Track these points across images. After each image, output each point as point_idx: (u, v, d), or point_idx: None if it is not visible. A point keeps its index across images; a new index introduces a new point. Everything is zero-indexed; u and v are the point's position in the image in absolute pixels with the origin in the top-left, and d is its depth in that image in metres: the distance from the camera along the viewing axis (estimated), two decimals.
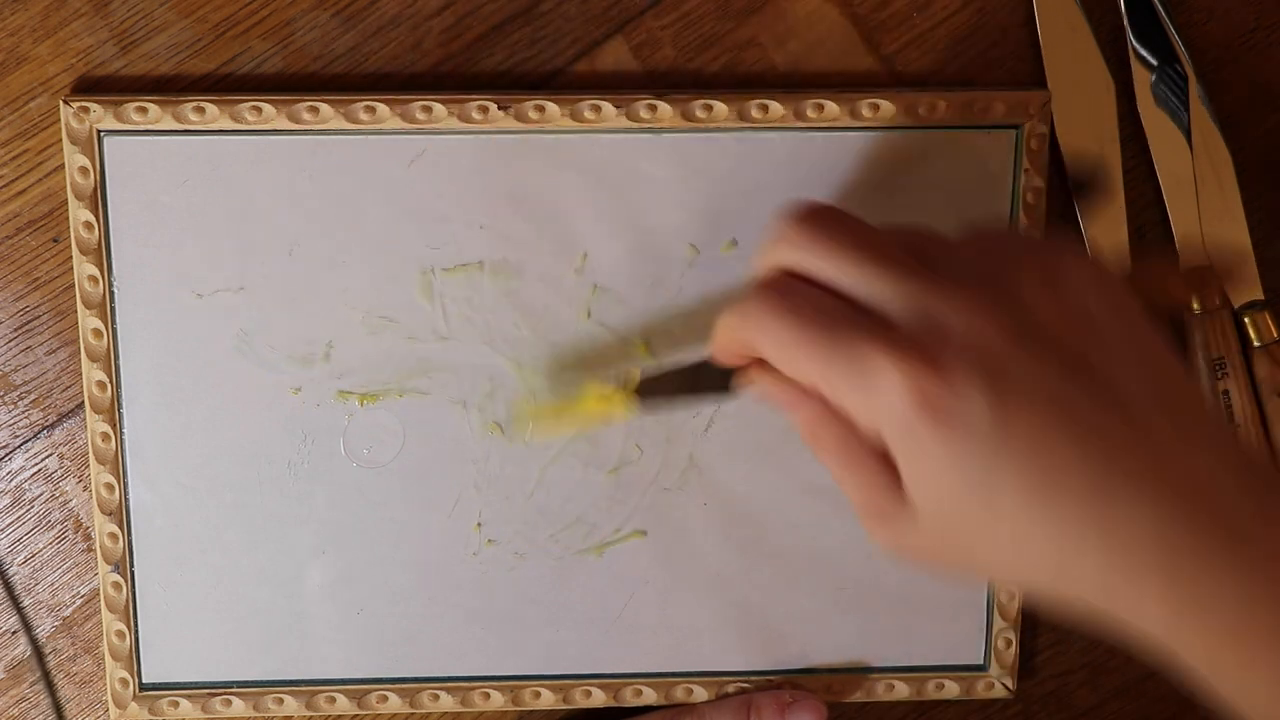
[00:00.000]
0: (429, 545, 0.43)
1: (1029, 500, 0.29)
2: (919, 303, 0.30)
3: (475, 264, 0.41)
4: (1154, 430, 0.29)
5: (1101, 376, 0.30)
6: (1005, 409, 0.29)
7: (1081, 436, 0.29)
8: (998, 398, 0.29)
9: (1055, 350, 0.30)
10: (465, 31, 0.42)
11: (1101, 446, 0.29)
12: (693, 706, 0.43)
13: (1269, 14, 0.43)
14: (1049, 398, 0.29)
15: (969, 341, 0.29)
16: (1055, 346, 0.30)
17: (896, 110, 0.41)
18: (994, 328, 0.30)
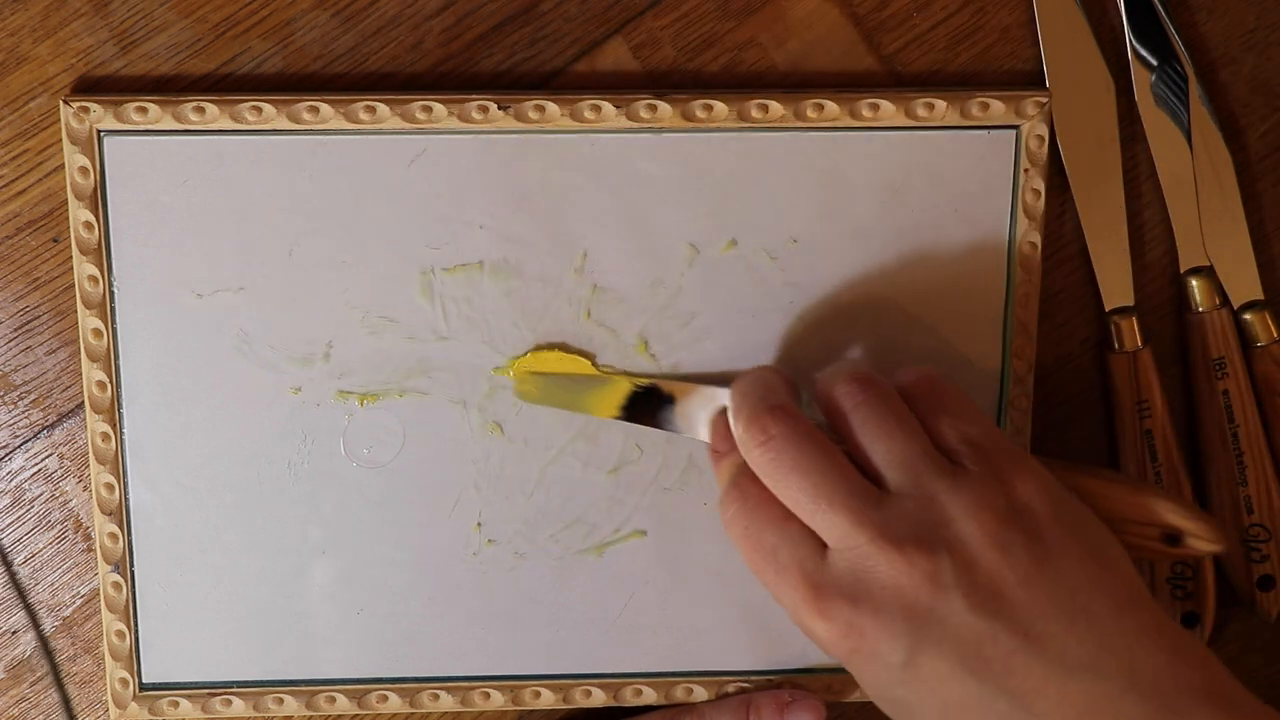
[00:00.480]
0: (429, 545, 0.43)
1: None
2: (852, 550, 0.33)
3: (475, 264, 0.41)
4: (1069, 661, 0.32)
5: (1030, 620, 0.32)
6: (919, 657, 0.33)
7: (991, 685, 0.32)
8: (911, 648, 0.33)
9: (983, 597, 0.32)
10: (465, 31, 0.42)
11: (1009, 687, 0.32)
12: (693, 706, 0.43)
13: (1269, 13, 0.43)
14: (960, 646, 0.32)
15: (889, 595, 0.33)
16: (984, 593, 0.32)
17: (896, 110, 0.41)
18: (917, 582, 0.32)
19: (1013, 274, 0.42)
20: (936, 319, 0.42)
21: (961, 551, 0.33)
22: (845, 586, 0.33)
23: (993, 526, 0.33)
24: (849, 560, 0.33)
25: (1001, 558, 0.32)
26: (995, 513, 0.33)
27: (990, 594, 0.32)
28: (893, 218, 0.42)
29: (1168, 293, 0.44)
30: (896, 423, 0.35)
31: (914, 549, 0.33)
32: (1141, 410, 0.43)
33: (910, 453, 0.34)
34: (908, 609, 0.32)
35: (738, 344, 0.42)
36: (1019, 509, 0.33)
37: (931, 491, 0.34)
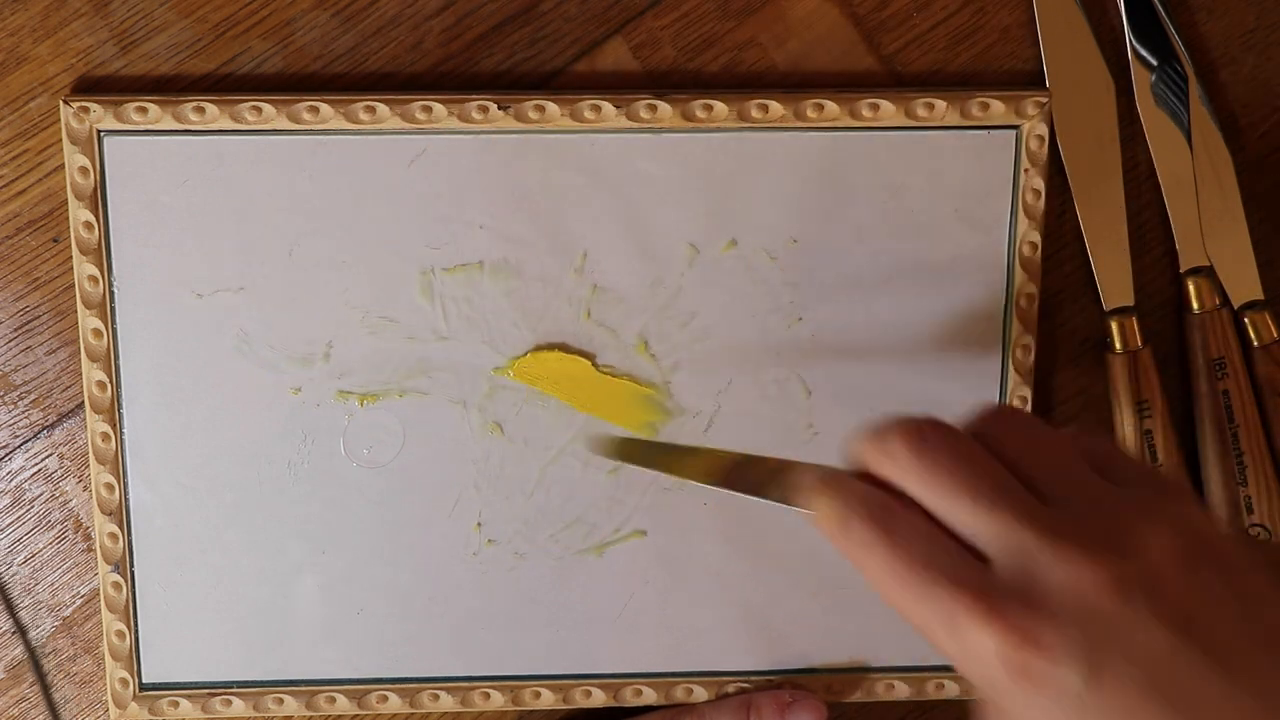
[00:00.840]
0: (429, 545, 0.43)
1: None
2: (1020, 552, 0.29)
3: (475, 264, 0.41)
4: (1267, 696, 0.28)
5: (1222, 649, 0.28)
6: (1101, 677, 0.28)
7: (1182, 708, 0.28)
8: (1093, 664, 0.28)
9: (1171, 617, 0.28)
10: (465, 31, 0.42)
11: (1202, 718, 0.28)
12: (693, 706, 0.43)
13: (1269, 13, 0.43)
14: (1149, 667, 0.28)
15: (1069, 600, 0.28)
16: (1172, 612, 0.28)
17: (896, 110, 0.41)
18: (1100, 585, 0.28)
19: (1013, 274, 0.42)
20: (936, 319, 0.42)
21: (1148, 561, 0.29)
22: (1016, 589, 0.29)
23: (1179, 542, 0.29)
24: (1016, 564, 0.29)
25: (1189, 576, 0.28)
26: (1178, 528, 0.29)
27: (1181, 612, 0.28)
28: (893, 218, 0.42)
29: (1168, 293, 0.44)
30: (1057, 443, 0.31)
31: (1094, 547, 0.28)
32: (1141, 410, 0.43)
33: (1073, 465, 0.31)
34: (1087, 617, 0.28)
35: (738, 344, 0.42)
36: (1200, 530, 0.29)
37: (1101, 499, 0.30)
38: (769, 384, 0.42)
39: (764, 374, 0.42)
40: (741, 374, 0.42)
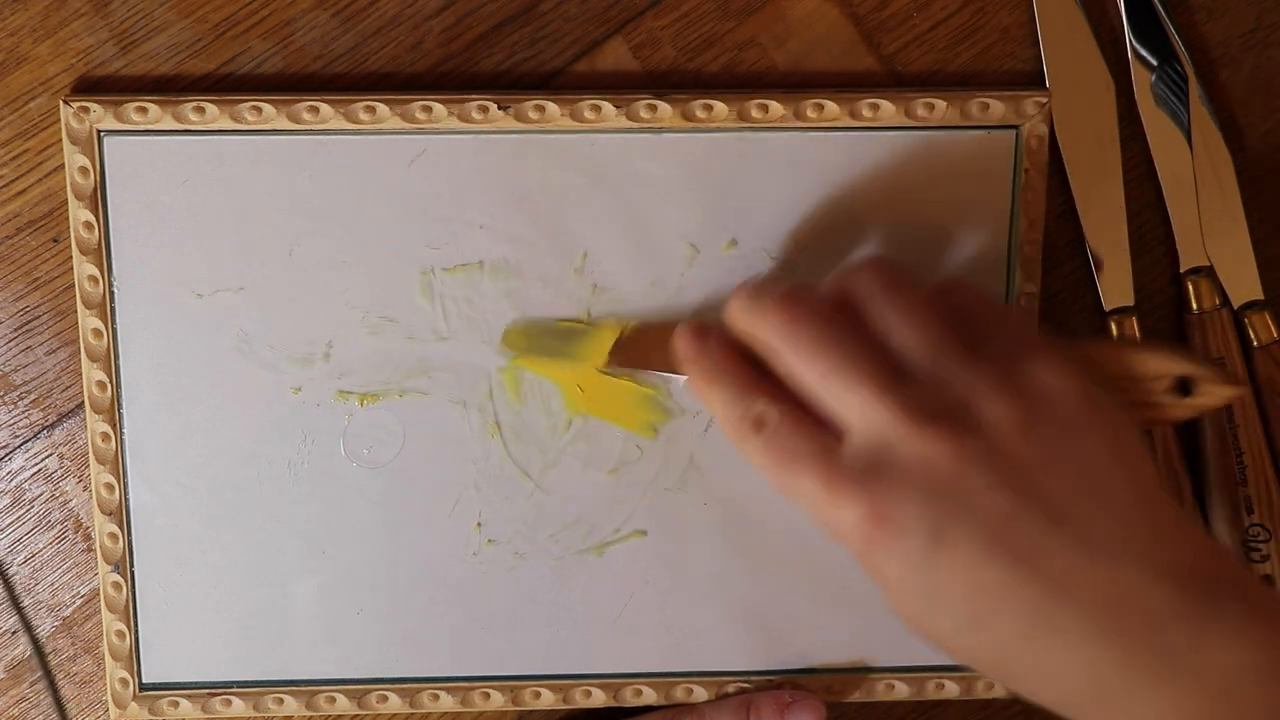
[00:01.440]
0: (429, 545, 0.43)
1: (967, 625, 0.31)
2: (874, 427, 0.32)
3: (475, 264, 0.41)
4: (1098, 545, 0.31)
5: (1057, 501, 0.31)
6: (942, 541, 0.31)
7: (1021, 567, 0.31)
8: (935, 530, 0.31)
9: (1009, 477, 0.31)
10: (465, 31, 0.42)
11: (1040, 571, 0.30)
12: (693, 706, 0.43)
13: (1269, 13, 0.43)
14: (987, 528, 0.31)
15: (914, 473, 0.31)
16: (1010, 473, 0.31)
17: (896, 110, 0.41)
18: (944, 458, 0.31)
19: (1013, 274, 0.42)
20: None
21: (986, 431, 0.31)
22: (866, 467, 0.32)
23: (1017, 408, 0.32)
24: (869, 440, 0.32)
25: (1026, 439, 0.31)
26: (1019, 395, 0.32)
27: (1015, 473, 0.31)
28: (893, 218, 0.42)
29: (1168, 293, 0.44)
30: (917, 307, 0.34)
31: (937, 426, 0.31)
32: None
33: (931, 336, 0.33)
34: (932, 487, 0.31)
35: None
36: (1042, 392, 0.32)
37: (953, 373, 0.32)
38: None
39: None
40: None
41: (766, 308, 0.34)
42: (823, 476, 0.32)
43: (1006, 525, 0.31)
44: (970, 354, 0.33)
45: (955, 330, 0.34)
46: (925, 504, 0.31)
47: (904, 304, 0.34)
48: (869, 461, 0.32)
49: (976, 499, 0.31)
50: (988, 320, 0.34)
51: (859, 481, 0.32)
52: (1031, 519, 0.31)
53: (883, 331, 0.34)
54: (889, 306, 0.34)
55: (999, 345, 0.34)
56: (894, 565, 0.32)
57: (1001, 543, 0.31)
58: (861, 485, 0.32)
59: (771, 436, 0.34)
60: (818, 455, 0.33)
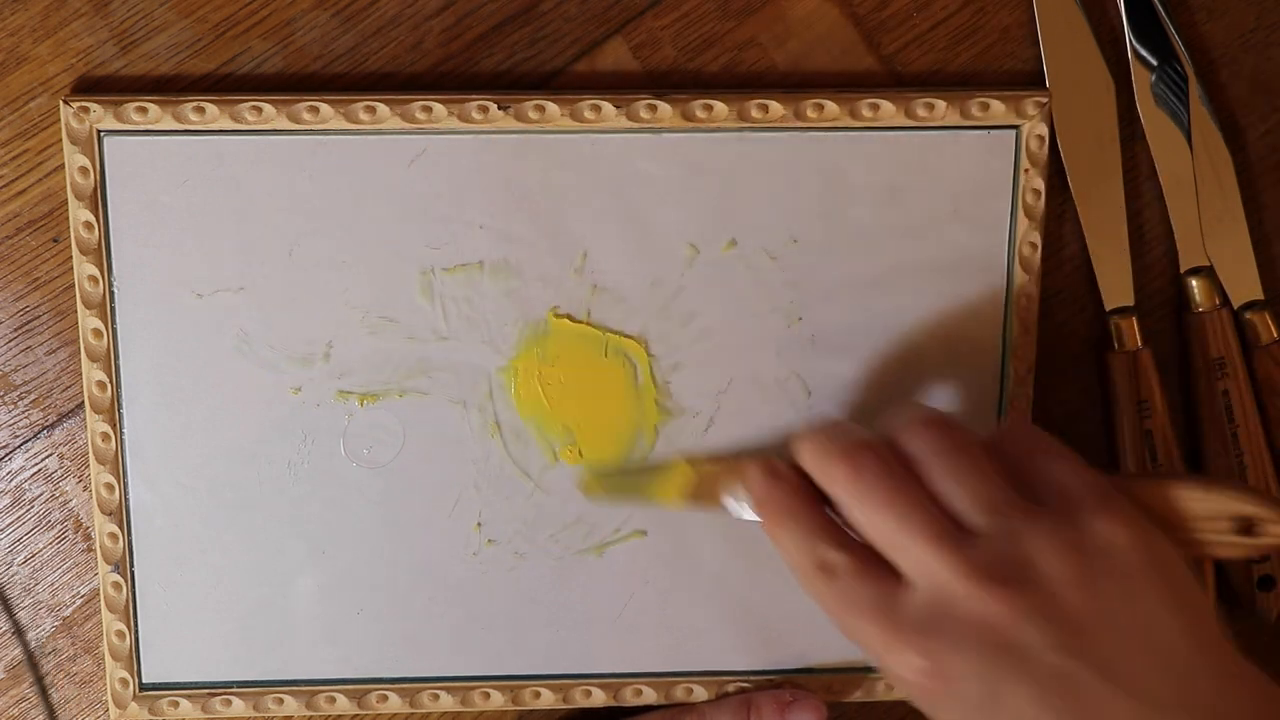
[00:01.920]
0: (429, 545, 0.43)
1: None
2: (934, 582, 0.33)
3: (475, 264, 0.41)
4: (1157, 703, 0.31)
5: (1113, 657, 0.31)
6: (998, 696, 0.32)
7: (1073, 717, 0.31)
8: (991, 686, 0.32)
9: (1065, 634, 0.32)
10: (465, 31, 0.42)
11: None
12: (693, 706, 0.43)
13: (1269, 14, 0.43)
14: (1045, 684, 0.31)
15: (971, 629, 0.32)
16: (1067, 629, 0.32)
17: (896, 110, 0.41)
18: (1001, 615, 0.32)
19: (1013, 274, 0.42)
20: (936, 319, 0.42)
21: (1044, 588, 0.32)
22: (927, 621, 0.33)
23: (1075, 564, 0.32)
24: (930, 594, 0.33)
25: (1084, 595, 0.32)
26: (1077, 550, 0.32)
27: (1072, 631, 0.32)
28: (893, 218, 0.42)
29: (1168, 293, 0.44)
30: (972, 463, 0.34)
31: (996, 584, 0.32)
32: (1141, 410, 0.43)
33: (991, 494, 0.34)
34: (990, 644, 0.32)
35: (738, 344, 0.42)
36: (1101, 546, 0.33)
37: (1013, 530, 0.33)
38: (769, 384, 0.42)
39: (764, 374, 0.42)
40: (741, 374, 0.42)
41: (833, 460, 0.35)
42: (885, 628, 0.33)
43: (1064, 685, 0.31)
44: (1028, 510, 0.34)
45: (1012, 486, 0.34)
46: (982, 661, 0.32)
47: (961, 465, 0.34)
48: (930, 615, 0.33)
49: (1034, 658, 0.31)
50: (1047, 470, 0.35)
51: (920, 634, 0.33)
52: (1089, 678, 0.31)
53: (943, 491, 0.34)
54: (946, 469, 0.34)
55: (1058, 496, 0.34)
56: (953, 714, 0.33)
57: (1058, 703, 0.31)
58: (922, 639, 0.33)
59: (837, 584, 0.35)
60: (880, 606, 0.34)
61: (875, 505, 0.34)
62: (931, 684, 0.33)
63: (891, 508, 0.34)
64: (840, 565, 0.35)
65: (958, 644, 0.32)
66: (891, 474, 0.34)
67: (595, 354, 0.42)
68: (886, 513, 0.34)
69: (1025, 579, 0.32)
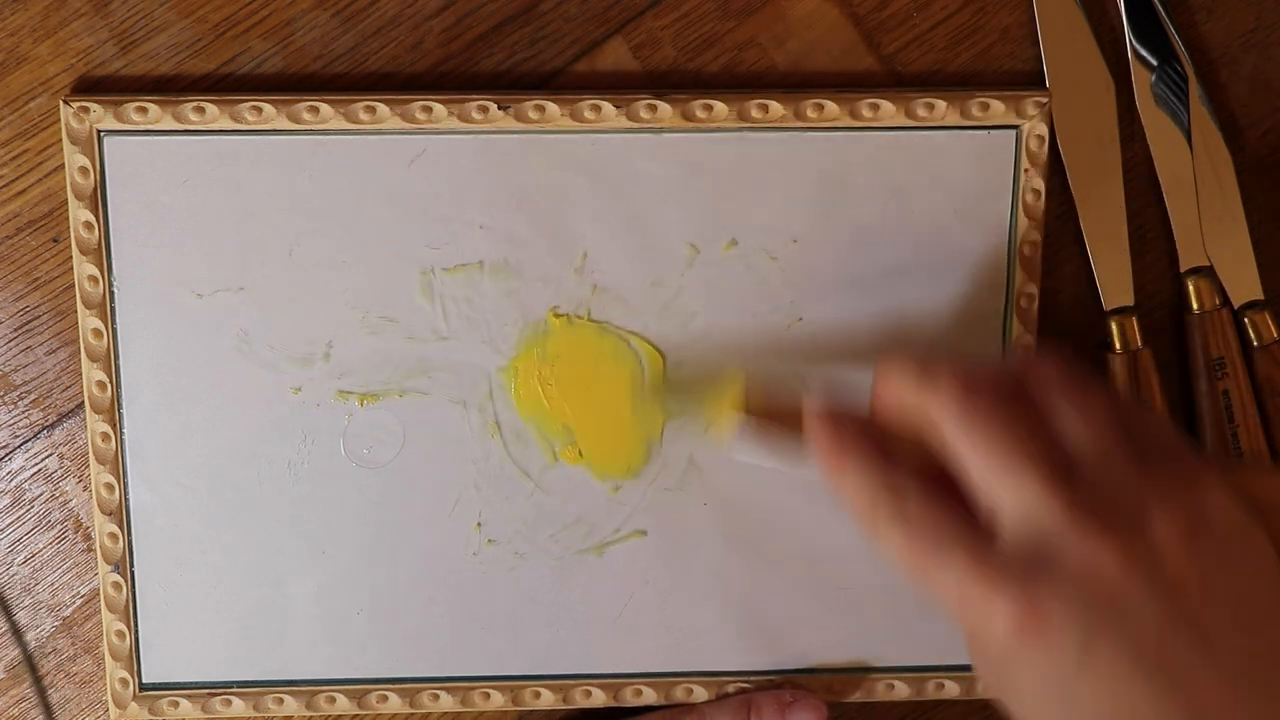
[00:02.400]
0: (429, 545, 0.43)
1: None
2: (1038, 521, 0.31)
3: (475, 264, 0.41)
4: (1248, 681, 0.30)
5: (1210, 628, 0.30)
6: (1096, 648, 0.30)
7: (1167, 691, 0.29)
8: (1090, 635, 0.30)
9: (1167, 595, 0.30)
10: (465, 31, 0.42)
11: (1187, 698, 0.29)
12: (693, 706, 0.43)
13: (1269, 14, 0.43)
14: (1143, 644, 0.30)
15: (1075, 573, 0.30)
16: (1169, 591, 0.30)
17: (896, 110, 0.41)
18: (1106, 562, 0.30)
19: (1013, 274, 0.42)
20: (937, 319, 0.42)
21: (1151, 543, 0.30)
22: (1026, 561, 0.30)
23: (1183, 525, 0.30)
24: (1031, 533, 0.31)
25: (1188, 558, 0.30)
26: (1185, 513, 0.31)
27: (1175, 592, 0.30)
28: (893, 218, 0.42)
29: (1168, 293, 0.44)
30: (1097, 407, 0.33)
31: (1106, 531, 0.30)
32: None
33: (1107, 437, 0.32)
34: (1092, 593, 0.30)
35: (738, 344, 0.42)
36: (1207, 514, 0.31)
37: (1124, 479, 0.31)
38: (769, 384, 0.42)
39: (764, 374, 0.42)
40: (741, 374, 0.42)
41: (942, 381, 0.33)
42: (975, 564, 0.31)
43: (1160, 644, 0.30)
44: (1146, 464, 0.32)
45: (1129, 438, 0.33)
46: (1082, 610, 0.30)
47: (1084, 401, 0.33)
48: (1029, 555, 0.31)
49: (1133, 612, 0.30)
50: (1159, 438, 0.33)
51: (1018, 575, 0.30)
52: (1186, 642, 0.30)
53: (1059, 425, 0.33)
54: (1070, 401, 0.33)
55: (1168, 462, 0.33)
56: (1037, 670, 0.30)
57: (1152, 662, 0.30)
58: (1019, 581, 0.30)
59: (915, 518, 0.32)
60: (970, 541, 0.31)
61: (984, 429, 0.32)
62: (1024, 633, 0.30)
63: (1000, 433, 0.31)
64: (919, 496, 0.32)
65: (1060, 587, 0.30)
66: (1004, 400, 0.32)
67: (595, 354, 0.42)
68: (995, 438, 0.31)
69: (1136, 530, 0.30)
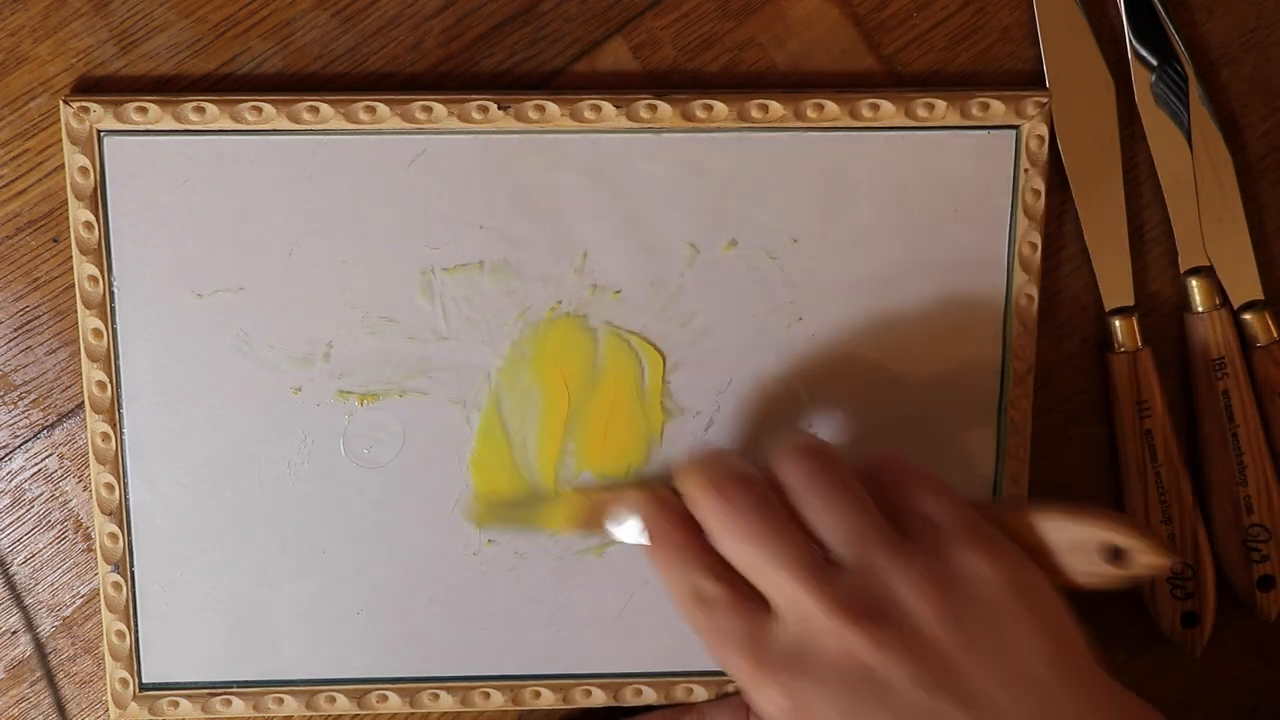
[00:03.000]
0: (429, 545, 0.43)
1: None
2: (800, 615, 0.33)
3: (475, 264, 0.41)
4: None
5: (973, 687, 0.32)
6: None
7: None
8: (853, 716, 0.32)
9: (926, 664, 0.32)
10: (465, 31, 0.42)
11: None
12: (693, 706, 0.43)
13: (1269, 14, 0.43)
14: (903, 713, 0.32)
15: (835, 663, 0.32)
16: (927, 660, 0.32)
17: (896, 110, 0.41)
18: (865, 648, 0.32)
19: (1013, 274, 0.42)
20: (936, 319, 0.42)
21: (908, 622, 0.32)
22: (791, 656, 0.33)
23: (940, 598, 0.32)
24: (795, 627, 0.33)
25: (948, 629, 0.32)
26: (943, 584, 0.33)
27: (935, 664, 0.32)
28: (893, 217, 0.42)
29: (1168, 293, 0.44)
30: (843, 495, 0.35)
31: (860, 617, 0.32)
32: (1141, 410, 0.43)
33: (857, 525, 0.34)
34: (852, 680, 0.32)
35: (738, 344, 0.42)
36: (966, 579, 0.33)
37: (877, 563, 0.33)
38: (769, 384, 0.42)
39: (764, 374, 0.42)
40: (741, 374, 0.42)
41: (703, 490, 0.35)
42: (751, 663, 0.33)
43: (922, 713, 0.31)
44: (895, 543, 0.34)
45: (880, 518, 0.35)
46: (844, 697, 0.32)
47: (829, 495, 0.35)
48: (794, 650, 0.33)
49: (896, 693, 0.32)
50: (918, 501, 0.35)
51: (784, 670, 0.33)
52: (950, 703, 0.31)
53: (810, 519, 0.35)
54: (814, 499, 0.35)
55: (927, 528, 0.34)
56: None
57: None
58: (786, 675, 0.33)
59: (712, 616, 0.35)
60: (748, 640, 0.34)
61: (742, 536, 0.34)
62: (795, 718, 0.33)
63: (758, 539, 0.34)
64: (715, 597, 0.35)
65: (821, 681, 0.32)
66: (761, 505, 0.35)
67: (595, 354, 0.42)
68: (753, 543, 0.34)
69: (889, 613, 0.32)
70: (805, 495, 0.35)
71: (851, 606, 0.32)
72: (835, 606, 0.32)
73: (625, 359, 0.42)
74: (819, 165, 0.41)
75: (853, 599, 0.33)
